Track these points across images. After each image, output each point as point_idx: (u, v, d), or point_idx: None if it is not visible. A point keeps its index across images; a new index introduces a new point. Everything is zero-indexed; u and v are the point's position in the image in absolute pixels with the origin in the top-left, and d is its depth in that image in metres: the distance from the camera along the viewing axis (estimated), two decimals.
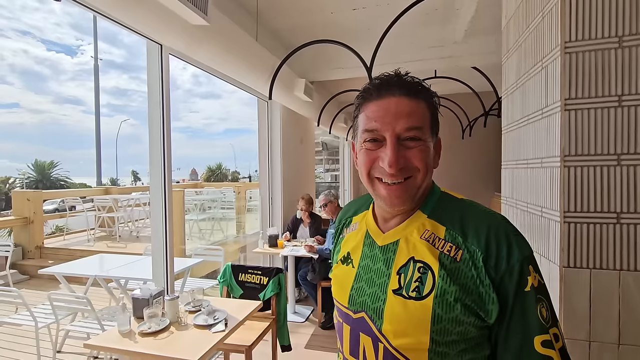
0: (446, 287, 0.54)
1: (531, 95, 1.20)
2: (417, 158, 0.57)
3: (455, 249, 0.56)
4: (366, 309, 0.61)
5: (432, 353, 0.54)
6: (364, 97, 0.62)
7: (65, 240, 6.20)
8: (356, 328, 0.62)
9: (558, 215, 0.97)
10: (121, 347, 1.49)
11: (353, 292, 0.64)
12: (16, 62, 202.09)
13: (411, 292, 0.56)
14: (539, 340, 0.51)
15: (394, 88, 0.58)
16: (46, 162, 14.65)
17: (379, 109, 0.59)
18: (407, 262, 0.58)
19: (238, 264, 2.49)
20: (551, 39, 1.03)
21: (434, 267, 0.56)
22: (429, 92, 0.61)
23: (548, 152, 1.05)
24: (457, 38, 3.21)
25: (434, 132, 0.61)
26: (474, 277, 0.53)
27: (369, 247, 0.65)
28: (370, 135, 0.59)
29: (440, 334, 0.54)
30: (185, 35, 1.79)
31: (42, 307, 2.59)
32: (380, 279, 0.60)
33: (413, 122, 0.57)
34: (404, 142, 0.58)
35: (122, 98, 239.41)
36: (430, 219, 0.60)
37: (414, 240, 0.60)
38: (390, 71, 0.61)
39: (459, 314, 0.53)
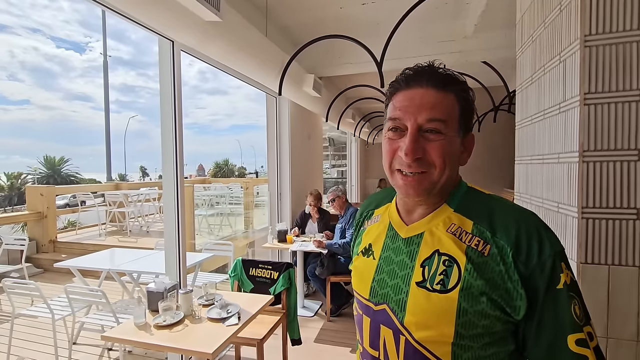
0: (472, 280, 0.54)
1: (547, 89, 1.19)
2: (436, 152, 0.57)
3: (483, 244, 0.55)
4: (388, 301, 0.61)
5: (455, 346, 0.54)
6: (394, 86, 0.62)
7: (77, 234, 6.31)
8: (377, 320, 0.62)
9: (576, 211, 0.97)
10: (138, 339, 1.52)
11: (374, 284, 0.64)
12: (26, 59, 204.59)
13: (436, 284, 0.56)
14: (573, 339, 0.50)
15: (422, 79, 0.58)
16: (56, 157, 14.88)
17: (405, 99, 0.58)
18: (431, 255, 0.58)
19: (249, 259, 2.51)
20: (569, 33, 1.01)
21: (460, 261, 0.55)
22: (461, 84, 0.60)
23: (566, 147, 1.04)
24: (467, 33, 3.17)
25: (462, 127, 0.60)
26: (502, 272, 0.53)
27: (391, 239, 0.65)
28: (393, 123, 0.59)
29: (465, 327, 0.53)
30: (197, 32, 1.80)
31: (58, 300, 2.65)
32: (402, 271, 0.60)
33: (436, 114, 0.56)
34: (425, 133, 0.57)
35: (130, 94, 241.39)
36: (456, 212, 0.60)
37: (439, 233, 0.59)
38: (425, 62, 0.61)
39: (485, 307, 0.53)
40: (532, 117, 1.34)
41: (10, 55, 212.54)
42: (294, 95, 3.32)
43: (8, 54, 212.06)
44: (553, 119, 1.13)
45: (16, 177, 12.54)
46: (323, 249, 3.15)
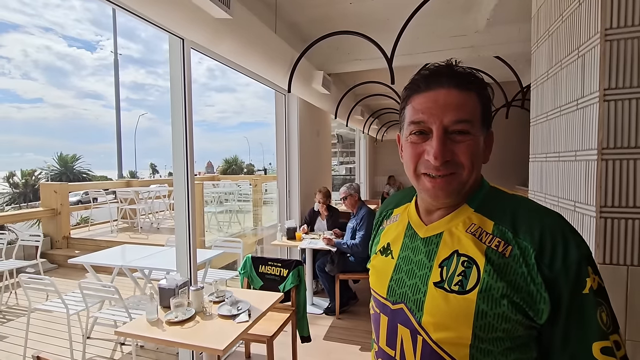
0: (492, 282, 0.52)
1: (564, 85, 1.16)
2: (464, 154, 0.55)
3: (504, 245, 0.54)
4: (406, 300, 0.60)
5: (474, 349, 0.53)
6: (411, 88, 0.60)
7: (90, 231, 6.43)
8: (394, 319, 0.62)
9: (593, 211, 0.94)
10: (150, 334, 1.55)
11: (392, 283, 0.64)
12: (39, 58, 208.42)
13: (454, 285, 0.55)
14: (598, 347, 0.49)
15: (443, 79, 0.56)
16: (69, 155, 15.15)
17: (426, 101, 0.57)
18: (450, 255, 0.57)
19: (258, 256, 2.53)
20: (589, 26, 0.98)
21: (480, 262, 0.54)
22: (482, 83, 0.58)
23: (583, 144, 1.01)
24: (479, 27, 3.11)
25: (485, 126, 0.59)
26: (524, 275, 0.51)
27: (410, 239, 0.65)
28: (417, 127, 0.58)
29: (483, 329, 0.52)
30: (208, 29, 1.80)
31: (72, 295, 2.70)
32: (421, 270, 0.60)
33: (462, 114, 0.55)
34: (452, 135, 0.56)
35: (140, 92, 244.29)
36: (477, 212, 0.59)
37: (458, 233, 0.58)
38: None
39: (505, 310, 0.51)
40: (548, 113, 1.31)
41: (23, 54, 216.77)
42: (303, 93, 3.31)
43: (22, 53, 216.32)
44: (570, 115, 1.10)
45: (30, 174, 12.81)
46: (332, 247, 3.15)
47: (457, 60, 0.59)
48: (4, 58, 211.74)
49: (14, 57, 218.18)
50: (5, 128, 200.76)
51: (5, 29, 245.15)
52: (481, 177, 0.63)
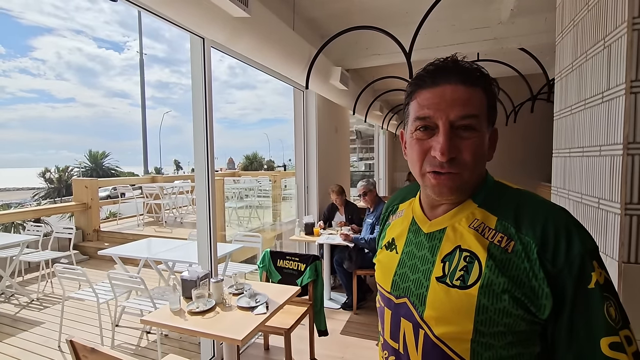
0: (493, 277, 0.52)
1: (589, 77, 1.11)
2: (470, 151, 0.55)
3: (506, 240, 0.54)
4: (409, 294, 0.61)
5: (475, 343, 0.53)
6: (416, 84, 0.59)
7: (118, 224, 6.72)
8: (397, 313, 0.63)
9: (618, 207, 0.91)
10: (173, 323, 1.62)
11: (396, 278, 0.64)
12: (72, 60, 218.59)
13: (455, 280, 0.55)
14: (607, 343, 0.47)
15: (449, 75, 0.56)
16: (99, 152, 15.84)
17: (432, 96, 0.56)
18: (452, 251, 0.58)
19: (277, 251, 2.57)
20: (616, 15, 0.94)
21: (481, 257, 0.54)
22: (488, 78, 0.58)
23: (608, 139, 0.97)
24: (503, 18, 3.01)
25: (490, 122, 0.58)
26: (526, 270, 0.51)
27: (414, 234, 0.65)
28: (422, 122, 0.57)
29: (485, 324, 0.52)
30: (227, 28, 1.84)
31: (102, 285, 2.85)
32: (424, 265, 0.60)
33: (469, 110, 0.54)
34: (457, 131, 0.55)
35: (164, 91, 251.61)
36: (481, 208, 0.59)
37: (461, 229, 0.58)
38: (445, 56, 0.58)
39: (506, 305, 0.51)
40: (572, 107, 1.26)
41: (57, 56, 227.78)
42: (321, 89, 3.32)
43: (55, 55, 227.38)
44: (595, 108, 1.06)
45: (64, 170, 13.51)
46: (350, 242, 3.16)
47: (462, 55, 0.59)
48: (40, 60, 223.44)
49: (49, 59, 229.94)
50: (41, 126, 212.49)
51: (40, 32, 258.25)
52: (485, 172, 0.62)
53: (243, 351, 2.56)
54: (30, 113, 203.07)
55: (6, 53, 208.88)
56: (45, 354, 2.67)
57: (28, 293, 3.85)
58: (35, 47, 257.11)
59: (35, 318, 3.28)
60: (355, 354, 2.53)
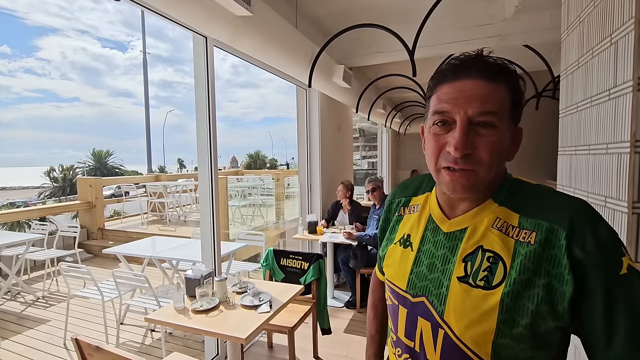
0: (518, 277, 0.51)
1: (596, 74, 1.10)
2: (486, 149, 0.53)
3: (530, 233, 0.53)
4: (427, 294, 0.60)
5: (496, 344, 0.52)
6: (438, 78, 0.58)
7: (122, 223, 6.76)
8: (414, 312, 0.62)
9: (625, 206, 0.90)
10: (177, 322, 1.62)
11: (413, 276, 0.63)
12: (76, 59, 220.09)
13: (479, 280, 0.54)
14: None
15: (471, 69, 0.54)
16: (103, 151, 15.93)
17: (452, 91, 0.55)
18: (474, 251, 0.57)
19: (280, 249, 2.57)
20: (623, 11, 0.93)
21: (506, 258, 0.53)
22: (513, 74, 0.56)
23: (615, 137, 0.96)
24: (507, 15, 2.98)
25: (513, 120, 0.57)
26: (551, 259, 0.50)
27: (432, 233, 0.64)
28: (440, 117, 0.56)
29: (508, 325, 0.51)
30: (229, 27, 1.84)
31: (107, 283, 2.87)
32: (444, 265, 0.59)
33: (488, 106, 0.53)
34: (476, 127, 0.54)
35: (168, 90, 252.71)
36: (502, 206, 0.58)
37: (483, 228, 0.57)
38: (472, 51, 0.57)
39: (530, 306, 0.50)
40: (578, 104, 1.25)
41: (62, 56, 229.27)
42: (324, 87, 3.31)
43: (60, 55, 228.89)
44: (601, 106, 1.05)
45: (68, 169, 13.60)
46: (353, 240, 3.15)
47: (488, 50, 0.57)
48: (45, 60, 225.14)
49: (54, 58, 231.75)
50: (46, 126, 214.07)
51: (45, 32, 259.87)
52: (505, 170, 0.61)
53: (247, 349, 2.57)
54: (36, 112, 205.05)
55: (12, 53, 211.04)
56: (50, 351, 2.69)
57: (34, 291, 3.88)
58: (40, 47, 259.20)
59: (41, 316, 3.31)
60: (358, 352, 2.53)
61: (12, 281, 3.73)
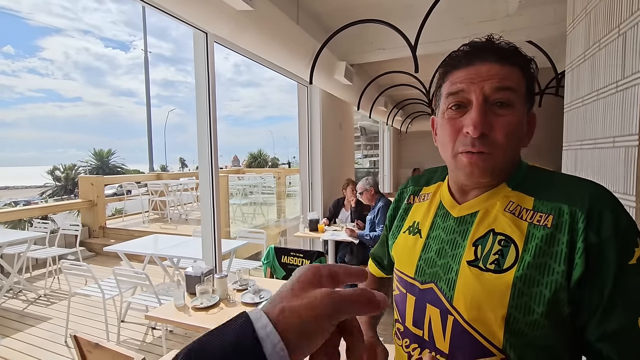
0: (531, 260, 0.50)
1: (602, 67, 1.08)
2: (503, 130, 0.52)
3: (545, 217, 0.51)
4: (437, 280, 0.59)
5: (507, 330, 0.51)
6: (450, 64, 0.57)
7: (123, 221, 6.76)
8: (423, 299, 0.60)
9: (633, 200, 0.88)
10: (177, 319, 1.61)
11: (421, 263, 0.62)
12: (79, 59, 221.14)
13: (489, 264, 0.53)
14: None
15: (485, 53, 0.54)
16: (104, 150, 15.95)
17: (467, 74, 0.54)
18: (485, 234, 0.55)
19: (281, 247, 2.56)
20: (632, 1, 0.91)
21: (518, 241, 0.52)
22: (526, 57, 0.55)
23: (623, 130, 0.94)
24: (510, 10, 2.95)
25: (528, 102, 0.56)
26: (567, 242, 0.48)
27: (442, 218, 0.63)
28: (455, 98, 0.55)
29: (519, 309, 0.50)
30: (230, 22, 1.82)
31: (108, 281, 2.86)
32: (453, 250, 0.58)
33: (505, 82, 0.52)
34: (492, 107, 0.53)
35: (170, 89, 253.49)
36: (515, 190, 0.57)
37: (495, 212, 0.56)
38: (482, 37, 0.56)
39: (543, 289, 0.49)
40: (584, 98, 1.23)
41: (65, 56, 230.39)
42: (325, 84, 3.29)
43: (63, 55, 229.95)
44: (608, 99, 1.03)
45: (71, 168, 13.63)
46: (355, 238, 3.14)
47: (498, 35, 0.56)
48: (48, 60, 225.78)
49: (57, 58, 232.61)
50: (50, 125, 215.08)
51: (48, 32, 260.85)
52: (519, 157, 0.60)
53: None
54: (39, 112, 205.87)
55: (15, 53, 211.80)
56: (52, 349, 2.69)
57: (35, 289, 3.88)
58: (43, 47, 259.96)
59: (43, 314, 3.31)
60: None
61: (14, 279, 3.73)
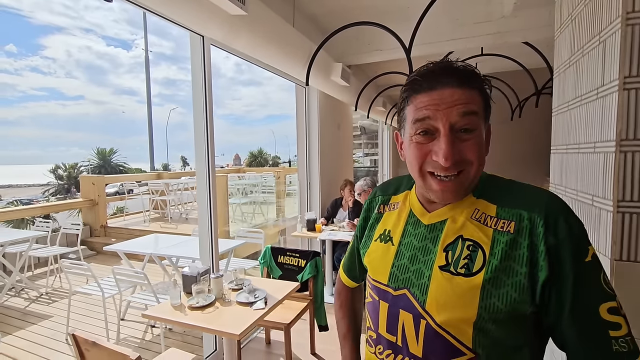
0: (497, 263, 0.54)
1: (585, 73, 1.10)
2: (472, 151, 0.56)
3: (508, 223, 0.56)
4: (409, 285, 0.61)
5: (477, 330, 0.54)
6: (412, 88, 0.59)
7: (125, 220, 6.81)
8: (396, 305, 0.63)
9: (611, 205, 0.90)
10: (173, 318, 1.65)
11: (394, 270, 0.64)
12: (81, 58, 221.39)
13: (460, 268, 0.56)
14: (605, 308, 0.50)
15: (445, 78, 0.56)
16: (107, 149, 16.02)
17: (430, 99, 0.56)
18: (454, 240, 0.59)
19: (277, 247, 2.59)
20: (611, 10, 0.93)
21: (485, 246, 0.56)
22: (482, 79, 0.58)
23: (602, 136, 0.96)
24: (506, 11, 2.97)
25: (486, 120, 0.59)
26: (529, 246, 0.53)
27: (413, 226, 0.66)
28: (422, 125, 0.57)
29: (488, 309, 0.53)
30: (224, 26, 1.85)
31: (108, 280, 2.90)
32: (425, 256, 0.61)
33: (469, 107, 0.55)
34: (458, 134, 0.56)
35: (171, 88, 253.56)
36: (480, 199, 0.60)
37: (462, 219, 0.60)
38: (437, 59, 0.59)
39: (509, 290, 0.53)
40: (569, 103, 1.25)
41: (67, 54, 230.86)
42: (322, 85, 3.31)
43: (65, 54, 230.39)
44: (590, 105, 1.05)
45: (72, 167, 13.71)
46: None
47: (457, 57, 0.59)
48: (50, 59, 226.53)
49: (59, 57, 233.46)
50: (52, 124, 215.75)
51: (51, 31, 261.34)
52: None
53: (245, 345, 2.59)
54: (41, 110, 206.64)
55: (18, 52, 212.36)
56: (53, 346, 2.74)
57: (37, 287, 3.93)
58: (45, 45, 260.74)
59: (44, 312, 3.36)
60: None
61: (16, 278, 3.78)
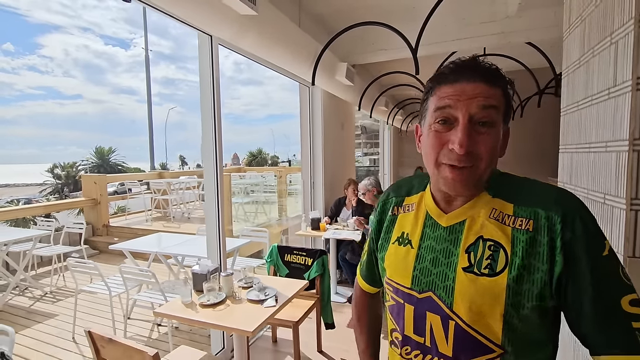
0: (520, 261, 0.55)
1: (596, 73, 1.12)
2: (486, 145, 0.57)
3: (526, 221, 0.57)
4: (434, 288, 0.62)
5: (505, 328, 0.56)
6: (437, 80, 0.61)
7: (126, 219, 6.81)
8: (422, 307, 0.63)
9: (624, 203, 0.92)
10: (185, 315, 1.66)
11: (417, 273, 0.65)
12: (79, 57, 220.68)
13: (483, 269, 0.57)
14: (627, 300, 0.51)
15: (471, 73, 0.58)
16: (105, 148, 15.99)
17: (453, 90, 0.58)
18: (476, 241, 0.60)
19: (284, 245, 2.61)
20: (623, 11, 0.95)
21: (506, 245, 0.57)
22: (506, 80, 0.60)
23: (614, 135, 0.98)
24: (510, 12, 2.99)
25: (506, 120, 0.61)
26: (547, 243, 0.54)
27: (431, 228, 0.66)
28: (442, 114, 0.59)
29: (514, 307, 0.55)
30: (234, 26, 1.86)
31: (114, 279, 2.91)
32: (447, 258, 0.62)
33: (490, 101, 0.57)
34: (476, 126, 0.57)
35: (170, 87, 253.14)
36: (496, 198, 0.61)
37: (481, 220, 0.61)
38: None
39: (531, 287, 0.55)
40: (579, 103, 1.27)
41: (64, 53, 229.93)
42: (327, 85, 3.33)
43: (63, 52, 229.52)
44: (601, 105, 1.07)
45: (71, 166, 13.67)
46: (363, 228, 3.20)
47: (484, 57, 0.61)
48: (47, 57, 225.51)
49: (56, 56, 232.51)
50: (49, 123, 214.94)
51: (48, 30, 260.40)
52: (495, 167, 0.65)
53: (252, 343, 2.61)
54: (39, 109, 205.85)
55: (15, 51, 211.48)
56: (59, 345, 2.75)
57: (41, 286, 3.94)
58: (43, 44, 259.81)
59: (49, 311, 3.37)
60: None
61: (20, 276, 3.79)
